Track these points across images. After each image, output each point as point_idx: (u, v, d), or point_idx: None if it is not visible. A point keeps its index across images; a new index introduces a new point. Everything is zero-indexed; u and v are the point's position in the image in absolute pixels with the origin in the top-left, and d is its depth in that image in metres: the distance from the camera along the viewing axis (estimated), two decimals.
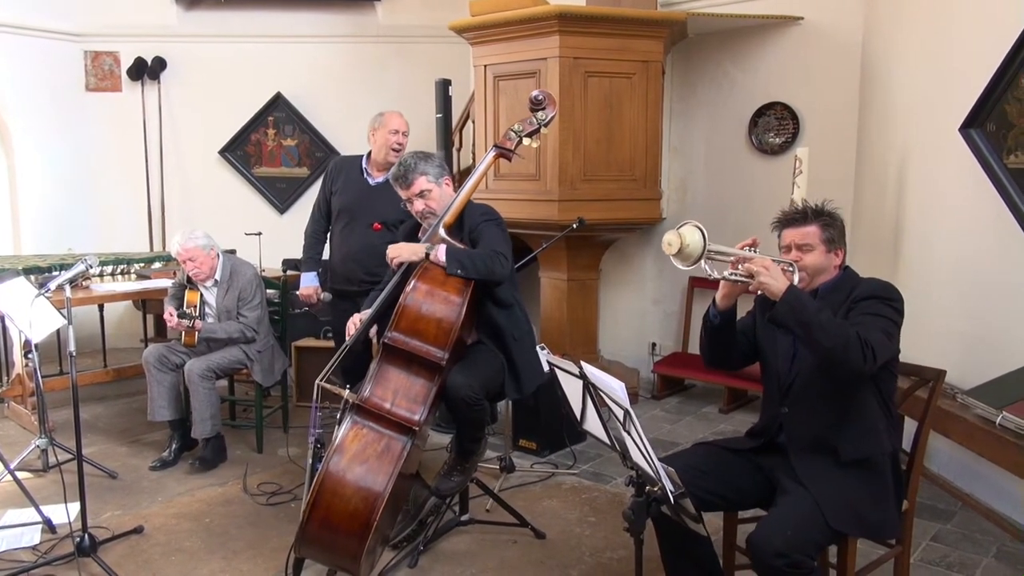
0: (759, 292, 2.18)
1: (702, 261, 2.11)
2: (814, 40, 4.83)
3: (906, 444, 2.51)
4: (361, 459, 2.57)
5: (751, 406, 5.00)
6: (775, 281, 2.14)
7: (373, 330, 2.98)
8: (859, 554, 2.24)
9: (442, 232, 2.87)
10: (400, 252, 2.87)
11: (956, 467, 3.69)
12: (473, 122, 5.08)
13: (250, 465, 4.00)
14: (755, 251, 2.26)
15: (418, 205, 2.95)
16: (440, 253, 2.78)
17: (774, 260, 2.22)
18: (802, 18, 4.85)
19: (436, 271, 2.77)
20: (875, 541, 2.35)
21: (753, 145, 5.11)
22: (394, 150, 3.67)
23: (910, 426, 2.33)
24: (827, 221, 2.33)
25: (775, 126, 5.03)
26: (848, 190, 4.70)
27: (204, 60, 6.30)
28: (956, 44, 3.69)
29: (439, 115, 4.93)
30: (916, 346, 3.67)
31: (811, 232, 2.31)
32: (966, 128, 3.54)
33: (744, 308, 2.41)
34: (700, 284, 5.35)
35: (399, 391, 2.69)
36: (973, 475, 3.55)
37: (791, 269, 2.27)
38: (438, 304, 2.72)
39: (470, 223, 2.93)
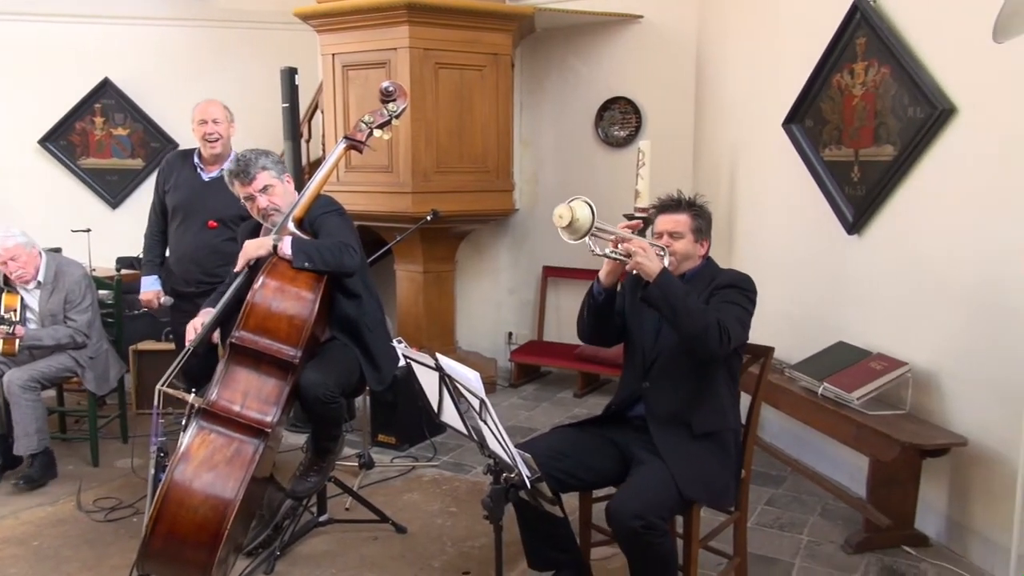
0: (634, 271, 2.28)
1: (587, 237, 2.19)
2: (653, 38, 5.06)
3: (742, 417, 2.70)
4: (209, 466, 2.45)
5: (604, 389, 5.19)
6: (650, 263, 2.25)
7: (217, 332, 2.85)
8: (702, 522, 2.39)
9: (291, 226, 2.78)
10: (246, 251, 2.75)
11: (786, 436, 4.01)
12: (322, 112, 4.96)
13: (85, 480, 3.72)
14: (635, 234, 2.36)
15: (261, 202, 2.80)
16: (286, 246, 2.67)
17: (650, 243, 2.34)
18: (642, 16, 5.07)
19: (286, 266, 2.68)
20: (717, 509, 2.52)
21: (599, 138, 5.30)
22: (209, 141, 3.49)
23: (744, 400, 2.51)
24: (697, 212, 2.49)
25: (619, 120, 5.23)
26: (687, 181, 4.96)
27: (15, 41, 5.74)
28: (780, 45, 3.99)
29: (285, 105, 4.74)
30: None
31: (682, 220, 2.46)
32: (788, 124, 3.85)
33: None
34: (553, 273, 5.50)
35: (249, 392, 2.59)
36: (800, 442, 3.88)
37: (663, 253, 2.40)
38: (289, 301, 2.63)
39: (310, 216, 2.83)
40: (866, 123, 3.38)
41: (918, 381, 3.10)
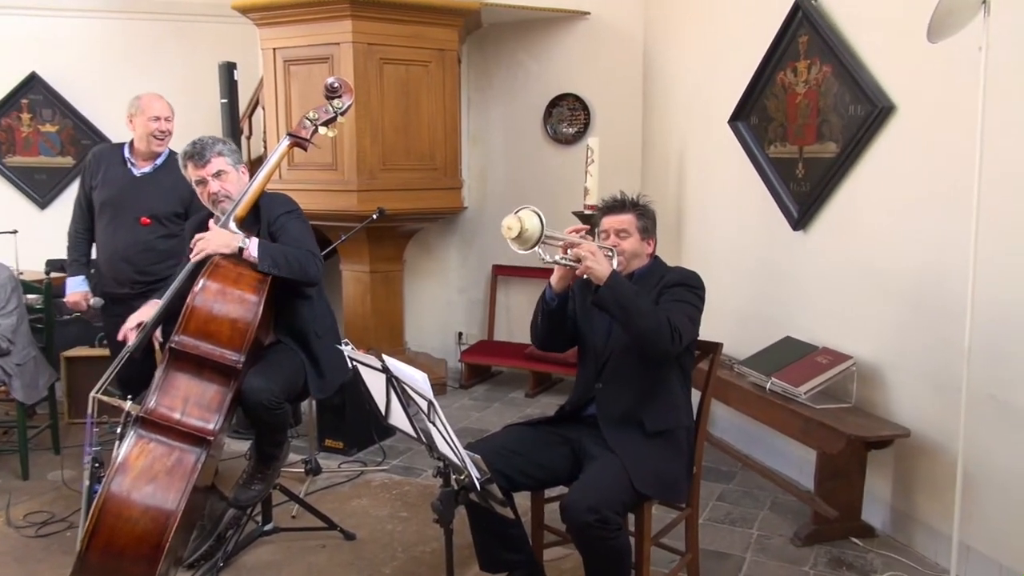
0: (584, 276, 2.30)
1: (538, 246, 2.20)
2: (600, 34, 5.10)
3: (693, 413, 2.74)
4: (148, 476, 2.39)
5: (556, 389, 5.22)
6: (600, 266, 2.28)
7: (159, 333, 2.78)
8: (653, 520, 2.42)
9: (233, 226, 2.72)
10: (209, 243, 2.64)
11: (735, 431, 4.09)
12: (263, 109, 4.88)
13: (14, 494, 3.58)
14: (583, 238, 2.38)
15: (212, 186, 2.75)
16: (252, 249, 2.63)
17: (598, 246, 2.36)
18: (589, 13, 5.10)
19: (229, 267, 2.63)
20: (669, 505, 2.56)
21: (548, 134, 5.32)
22: (157, 138, 3.42)
23: (695, 396, 2.55)
24: (642, 211, 2.54)
25: (568, 116, 5.26)
26: (636, 178, 5.02)
27: None
28: (725, 42, 4.06)
29: (224, 100, 4.68)
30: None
31: (628, 220, 2.50)
32: (733, 121, 3.92)
33: None
34: (503, 272, 5.50)
35: (190, 399, 2.53)
36: (750, 437, 3.96)
37: (611, 254, 2.42)
38: (231, 304, 2.59)
39: (269, 215, 2.79)
40: (809, 120, 3.46)
41: (863, 374, 3.18)
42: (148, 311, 2.80)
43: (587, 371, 2.54)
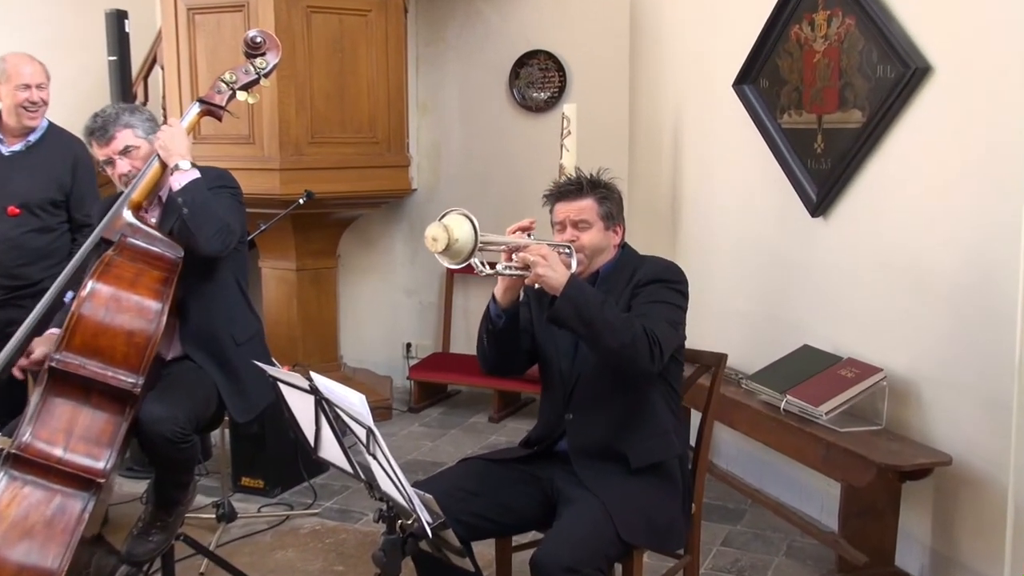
0: (536, 285, 2.29)
1: (474, 256, 2.18)
2: None
3: (692, 439, 2.76)
4: (22, 530, 2.35)
5: (526, 411, 5.23)
6: (554, 272, 2.24)
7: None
8: (646, 570, 2.43)
9: (128, 216, 2.71)
10: (168, 142, 2.73)
11: (744, 461, 4.13)
12: (162, 68, 4.84)
13: None
14: (531, 236, 2.37)
15: (122, 166, 2.78)
16: (185, 176, 2.70)
17: (550, 245, 2.34)
18: None
19: (124, 265, 2.62)
20: (663, 553, 2.57)
21: (516, 100, 5.33)
22: (28, 110, 3.39)
23: (695, 419, 2.57)
24: (604, 194, 2.50)
25: (539, 79, 5.28)
26: (622, 154, 5.05)
27: None
28: None
29: (112, 58, 4.62)
30: (697, 329, 3.99)
31: (587, 207, 2.46)
32: (739, 84, 3.96)
33: None
34: (461, 269, 5.48)
35: (74, 431, 2.50)
36: (762, 468, 4.00)
37: (567, 251, 2.41)
38: (127, 313, 2.57)
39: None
40: (830, 84, 3.51)
41: (895, 390, 3.23)
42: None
43: (553, 398, 2.53)
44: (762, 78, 3.87)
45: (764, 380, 3.52)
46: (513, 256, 2.31)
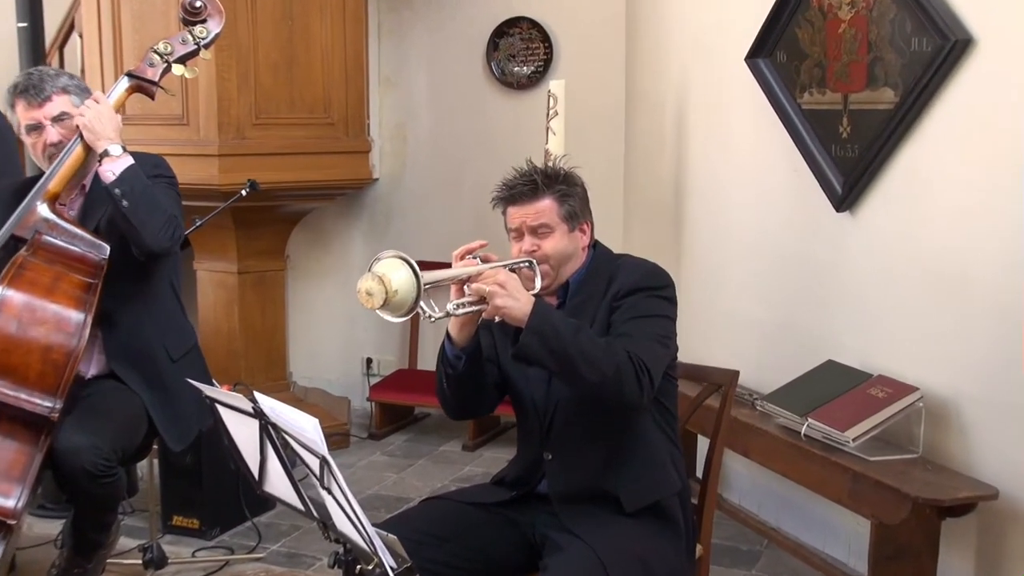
0: (497, 320, 2.25)
1: (420, 304, 2.16)
2: None
3: (698, 469, 2.77)
4: None
5: (506, 438, 5.25)
6: (515, 302, 2.21)
7: None
8: None
9: (44, 211, 2.71)
10: (93, 120, 2.74)
11: (759, 495, 4.14)
12: (80, 37, 4.83)
13: None
14: (478, 259, 2.34)
15: (52, 134, 2.79)
16: (120, 163, 2.70)
17: (507, 266, 2.32)
18: None
19: (40, 269, 2.63)
20: None
21: (494, 76, 5.34)
22: None
23: (702, 445, 2.57)
24: (563, 191, 2.45)
25: (521, 51, 5.29)
26: (617, 138, 5.07)
27: None
28: None
29: (22, 24, 4.59)
30: (705, 341, 4.05)
31: (546, 208, 2.42)
32: (752, 58, 3.98)
33: None
34: (430, 270, 5.49)
35: None
36: (780, 503, 4.01)
37: (527, 265, 2.38)
38: (43, 326, 2.58)
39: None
40: (857, 58, 3.53)
41: (933, 413, 3.24)
42: None
43: (528, 433, 2.52)
44: (779, 51, 3.89)
45: (782, 401, 3.53)
46: (466, 289, 2.28)
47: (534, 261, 2.40)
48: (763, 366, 3.87)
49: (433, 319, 2.24)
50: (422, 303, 2.16)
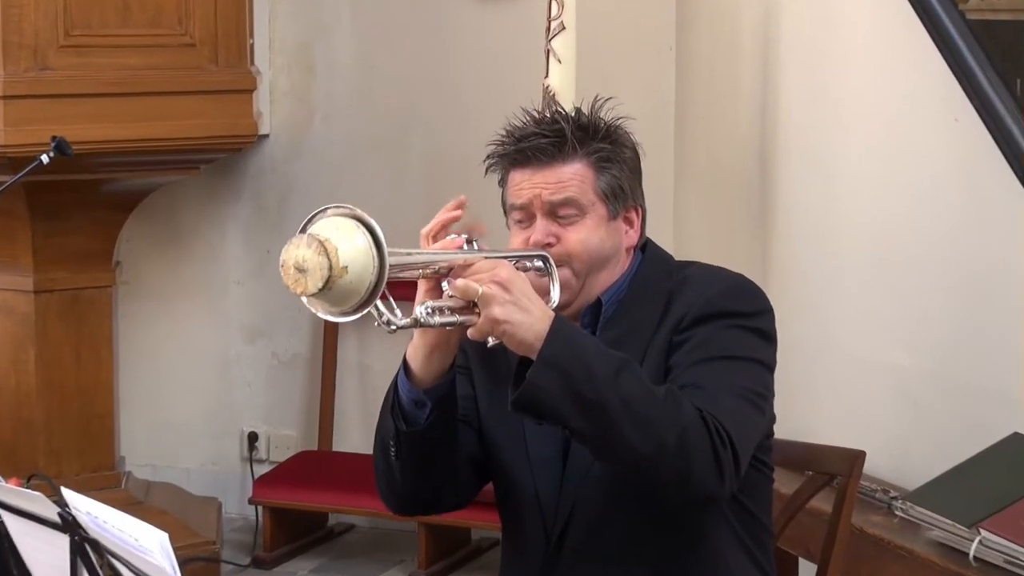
0: (492, 342, 2.20)
1: (375, 300, 2.06)
2: None
3: None
4: None
5: (480, 564, 5.29)
6: (524, 314, 2.14)
7: None
8: None
9: None
10: None
11: None
12: None
13: None
14: (475, 245, 2.30)
15: None
16: None
17: (511, 257, 2.28)
18: None
19: None
20: None
21: None
22: None
23: (805, 572, 2.56)
24: (605, 153, 2.43)
25: None
26: (667, 70, 5.08)
27: None
28: None
29: None
30: (804, 403, 4.06)
31: (575, 177, 2.38)
32: None
33: None
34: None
35: None
36: None
37: (540, 266, 2.34)
38: None
39: None
40: None
41: None
42: None
43: (523, 551, 2.52)
44: None
45: (937, 502, 3.54)
46: (444, 286, 2.25)
47: (549, 257, 2.36)
48: (905, 445, 3.89)
49: (393, 327, 2.11)
50: (378, 302, 2.08)
